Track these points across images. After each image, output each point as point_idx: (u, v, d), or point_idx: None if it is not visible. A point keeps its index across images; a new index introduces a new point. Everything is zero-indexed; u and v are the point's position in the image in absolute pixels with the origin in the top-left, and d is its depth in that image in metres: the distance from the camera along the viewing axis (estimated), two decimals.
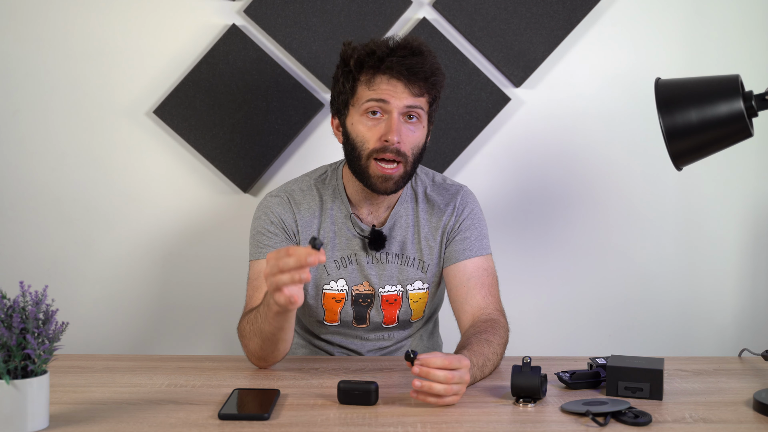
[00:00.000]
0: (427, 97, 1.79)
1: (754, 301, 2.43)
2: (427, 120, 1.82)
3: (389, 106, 1.75)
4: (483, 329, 1.71)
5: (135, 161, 2.35)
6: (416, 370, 1.45)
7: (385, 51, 1.76)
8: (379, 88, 1.76)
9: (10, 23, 2.31)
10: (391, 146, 1.75)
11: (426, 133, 1.83)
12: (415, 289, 1.90)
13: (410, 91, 1.76)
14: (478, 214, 1.91)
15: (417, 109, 1.78)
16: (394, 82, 1.76)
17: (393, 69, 1.75)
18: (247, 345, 1.72)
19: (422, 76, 1.76)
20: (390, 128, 1.75)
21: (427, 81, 1.77)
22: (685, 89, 1.59)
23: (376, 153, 1.76)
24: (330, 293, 1.88)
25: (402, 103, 1.75)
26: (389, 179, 1.77)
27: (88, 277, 2.37)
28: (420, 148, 1.81)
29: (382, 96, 1.75)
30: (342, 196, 1.88)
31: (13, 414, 1.31)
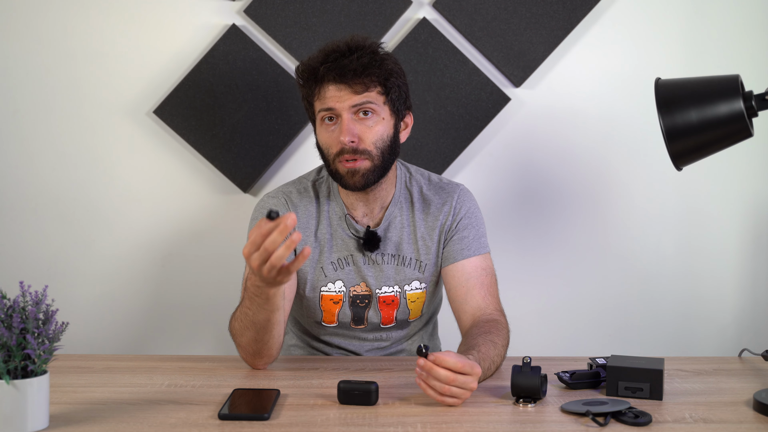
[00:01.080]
0: (377, 89, 1.80)
1: (754, 301, 2.43)
2: (389, 110, 1.82)
3: (337, 110, 1.78)
4: (487, 330, 1.70)
5: (135, 161, 2.35)
6: (420, 363, 1.45)
7: (318, 61, 1.80)
8: (324, 97, 1.79)
9: (10, 23, 2.31)
10: (346, 147, 1.77)
11: (391, 124, 1.83)
12: (413, 289, 1.90)
13: (351, 91, 1.78)
14: (475, 212, 1.91)
15: (367, 104, 1.79)
16: (336, 87, 1.78)
17: (326, 76, 1.78)
18: (240, 342, 1.71)
19: (354, 73, 1.77)
20: (341, 131, 1.78)
21: (362, 76, 1.77)
22: (685, 89, 1.59)
23: (338, 156, 1.79)
24: (327, 295, 1.88)
25: (347, 104, 1.78)
26: (355, 173, 1.79)
27: (87, 277, 2.37)
28: (386, 141, 1.81)
29: (328, 104, 1.79)
30: (337, 198, 1.88)
31: (13, 414, 1.31)
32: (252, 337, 1.68)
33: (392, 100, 1.82)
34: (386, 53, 1.84)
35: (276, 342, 1.70)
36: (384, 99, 1.81)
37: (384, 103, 1.81)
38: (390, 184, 1.89)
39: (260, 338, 1.67)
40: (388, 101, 1.82)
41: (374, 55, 1.80)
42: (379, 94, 1.80)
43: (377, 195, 1.87)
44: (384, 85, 1.80)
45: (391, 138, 1.82)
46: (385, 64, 1.80)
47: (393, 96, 1.82)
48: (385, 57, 1.82)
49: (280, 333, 1.70)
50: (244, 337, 1.69)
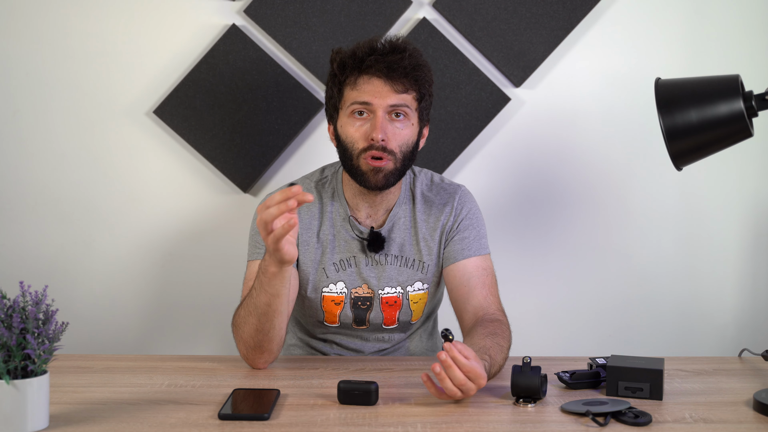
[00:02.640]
0: (413, 94, 1.80)
1: (754, 301, 2.43)
2: (417, 118, 1.83)
3: (373, 107, 1.77)
4: (493, 331, 1.70)
5: (135, 161, 2.35)
6: (442, 357, 1.44)
7: (366, 51, 1.79)
8: (362, 89, 1.78)
9: (10, 23, 2.31)
10: (377, 144, 1.76)
11: (417, 131, 1.83)
12: (415, 290, 1.90)
13: (393, 89, 1.77)
14: (476, 213, 1.92)
15: (402, 107, 1.79)
16: (376, 81, 1.77)
17: (372, 68, 1.77)
18: (242, 335, 1.70)
19: (402, 72, 1.77)
20: (375, 127, 1.77)
21: (408, 77, 1.78)
22: (685, 89, 1.59)
23: (364, 152, 1.78)
24: (329, 296, 1.88)
25: (385, 102, 1.77)
26: (379, 171, 1.78)
27: (88, 277, 2.37)
28: (410, 146, 1.82)
29: (364, 98, 1.77)
30: (341, 199, 1.88)
31: (13, 414, 1.31)
32: (254, 326, 1.67)
33: (422, 108, 1.83)
34: (427, 62, 1.84)
35: (277, 335, 1.69)
36: (417, 105, 1.82)
37: (416, 109, 1.82)
38: (396, 187, 1.89)
39: (261, 327, 1.66)
40: (419, 108, 1.83)
41: (420, 59, 1.81)
42: (414, 99, 1.81)
43: (384, 197, 1.87)
44: (420, 92, 1.81)
45: (414, 144, 1.83)
46: (427, 72, 1.82)
47: (424, 104, 1.83)
48: (427, 65, 1.83)
49: (281, 325, 1.69)
50: (246, 326, 1.68)
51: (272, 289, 1.62)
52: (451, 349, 1.45)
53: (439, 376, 1.45)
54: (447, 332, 1.46)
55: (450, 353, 1.44)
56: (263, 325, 1.67)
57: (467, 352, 1.46)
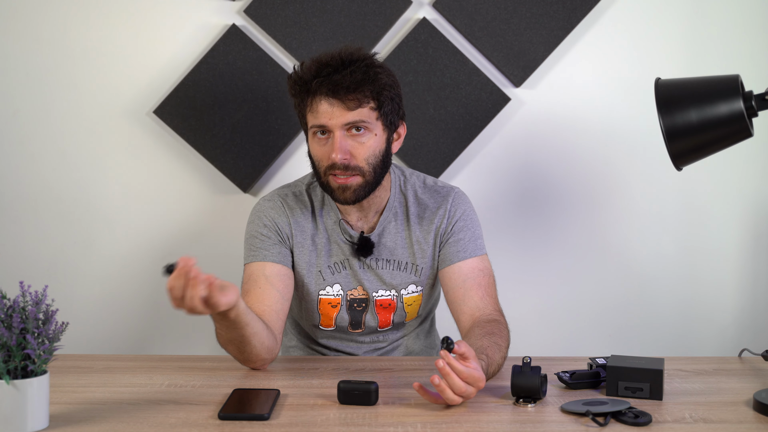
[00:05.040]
0: (368, 105, 1.76)
1: (754, 301, 2.43)
2: (381, 126, 1.79)
3: (329, 127, 1.75)
4: (491, 331, 1.70)
5: (135, 161, 2.35)
6: (440, 365, 1.44)
7: (312, 74, 1.76)
8: (317, 111, 1.76)
9: (10, 23, 2.31)
10: (337, 164, 1.75)
11: (384, 139, 1.80)
12: (409, 293, 1.90)
13: (344, 107, 1.74)
14: (470, 215, 1.91)
15: (359, 122, 1.75)
16: (328, 101, 1.74)
17: (318, 91, 1.75)
18: (230, 352, 1.71)
19: (347, 90, 1.73)
20: (333, 148, 1.75)
21: (356, 92, 1.74)
22: (685, 89, 1.59)
23: (329, 170, 1.77)
24: (326, 298, 1.88)
25: (339, 122, 1.74)
26: (347, 189, 1.77)
27: (88, 277, 2.37)
28: (378, 156, 1.78)
29: (320, 121, 1.75)
30: (331, 203, 1.88)
31: (13, 414, 1.31)
32: (235, 350, 1.68)
33: (385, 113, 1.78)
34: (380, 66, 1.79)
35: (261, 349, 1.68)
36: (377, 114, 1.77)
37: (377, 118, 1.77)
38: (384, 190, 1.87)
39: (242, 350, 1.67)
40: (381, 116, 1.78)
41: (368, 69, 1.75)
42: (371, 109, 1.76)
43: (371, 202, 1.86)
44: (377, 100, 1.76)
45: (383, 152, 1.80)
46: (379, 79, 1.76)
47: (386, 110, 1.78)
48: (379, 70, 1.77)
49: (262, 342, 1.67)
50: (229, 349, 1.70)
51: (239, 326, 1.60)
52: (447, 356, 1.44)
53: (439, 388, 1.45)
54: (449, 341, 1.45)
55: (447, 360, 1.44)
56: (243, 348, 1.67)
57: (469, 353, 1.46)
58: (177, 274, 1.45)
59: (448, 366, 1.44)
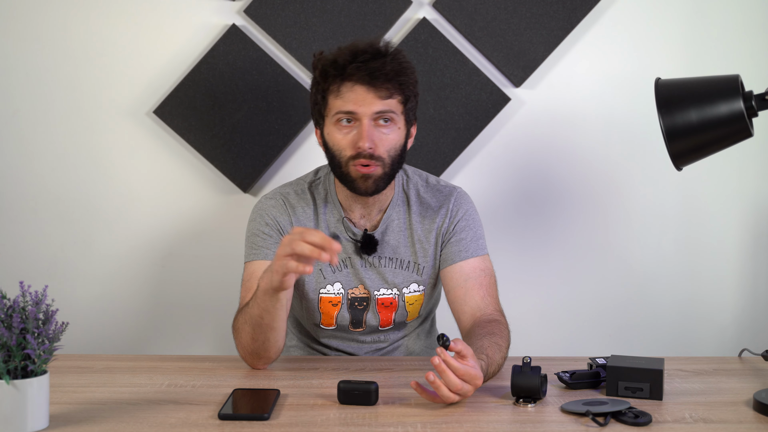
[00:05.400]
0: (398, 98, 1.78)
1: (754, 301, 2.43)
2: (403, 120, 1.81)
3: (358, 115, 1.76)
4: (491, 330, 1.70)
5: (135, 161, 2.35)
6: (436, 362, 1.44)
7: (347, 58, 1.76)
8: (346, 97, 1.76)
9: (10, 23, 2.31)
10: (364, 152, 1.75)
11: (404, 134, 1.82)
12: (411, 292, 1.90)
13: (377, 95, 1.75)
14: (472, 215, 1.91)
15: (388, 113, 1.77)
16: (359, 89, 1.75)
17: (355, 75, 1.75)
18: (240, 339, 1.71)
19: (385, 78, 1.75)
20: (361, 136, 1.75)
21: (392, 82, 1.76)
22: (685, 89, 1.59)
23: (352, 159, 1.77)
24: (327, 297, 1.88)
25: (370, 110, 1.75)
26: (369, 177, 1.78)
27: (87, 277, 2.37)
28: (398, 150, 1.80)
29: (349, 108, 1.76)
30: (334, 200, 1.88)
31: (13, 414, 1.31)
32: (249, 334, 1.68)
33: (408, 109, 1.82)
34: (410, 62, 1.82)
35: (272, 346, 1.70)
36: (402, 108, 1.80)
37: (401, 112, 1.80)
38: (389, 189, 1.88)
39: (256, 337, 1.68)
40: (405, 111, 1.81)
41: (402, 62, 1.79)
42: (399, 102, 1.79)
43: (377, 198, 1.86)
44: (404, 94, 1.79)
45: (402, 147, 1.82)
46: (411, 74, 1.80)
47: (410, 105, 1.82)
48: (410, 67, 1.81)
49: (277, 338, 1.69)
50: (243, 333, 1.70)
51: (264, 304, 1.63)
52: (443, 353, 1.44)
53: (434, 384, 1.45)
54: (444, 338, 1.45)
55: (442, 357, 1.44)
56: (257, 336, 1.68)
57: (466, 352, 1.46)
58: (322, 242, 1.48)
59: (443, 363, 1.44)
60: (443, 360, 1.44)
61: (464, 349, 1.46)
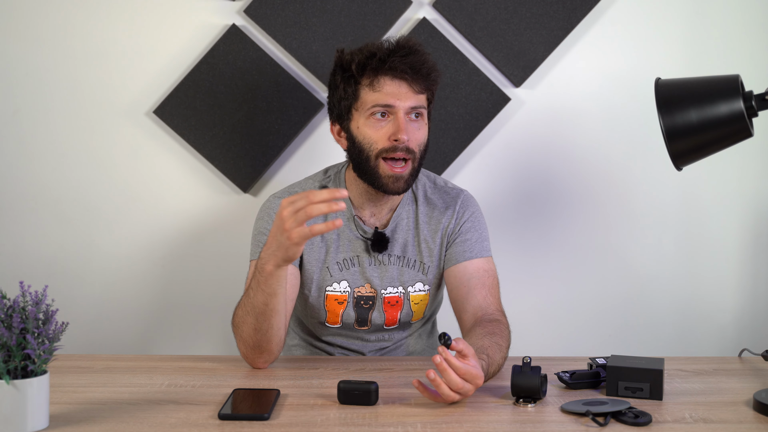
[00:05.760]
0: (427, 94, 1.83)
1: (754, 301, 2.43)
2: (428, 118, 1.86)
3: (395, 109, 1.78)
4: (492, 330, 1.70)
5: (135, 161, 2.35)
6: (437, 360, 1.44)
7: (386, 52, 1.79)
8: (383, 90, 1.78)
9: (10, 23, 2.31)
10: (401, 145, 1.77)
11: (428, 131, 1.86)
12: (416, 291, 1.90)
13: (413, 90, 1.79)
14: (478, 217, 1.92)
15: (420, 108, 1.81)
16: (398, 82, 1.78)
17: (396, 69, 1.77)
18: (242, 334, 1.70)
19: (424, 73, 1.79)
20: (399, 127, 1.77)
21: (428, 78, 1.81)
22: (685, 89, 1.59)
23: (385, 152, 1.78)
24: (332, 295, 1.88)
25: (407, 104, 1.78)
26: (400, 179, 1.79)
27: (88, 277, 2.37)
28: (425, 146, 1.84)
29: (388, 101, 1.78)
30: (345, 199, 1.88)
31: (13, 414, 1.31)
32: (252, 325, 1.67)
33: (431, 108, 1.87)
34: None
35: (275, 335, 1.69)
36: (427, 105, 1.85)
37: (427, 109, 1.85)
38: None
39: (259, 326, 1.67)
40: (430, 108, 1.86)
41: (433, 62, 1.83)
42: (426, 99, 1.84)
43: (389, 197, 1.87)
44: (432, 92, 1.84)
45: (426, 144, 1.85)
46: (438, 74, 1.85)
47: (432, 105, 1.87)
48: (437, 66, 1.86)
49: (279, 325, 1.68)
50: (245, 325, 1.69)
51: (269, 288, 1.62)
52: (444, 351, 1.44)
53: (435, 382, 1.45)
54: (446, 337, 1.45)
55: (444, 356, 1.44)
56: (261, 325, 1.67)
57: (467, 351, 1.46)
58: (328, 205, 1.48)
59: (445, 362, 1.44)
60: (445, 359, 1.44)
61: (465, 349, 1.46)
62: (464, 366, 1.44)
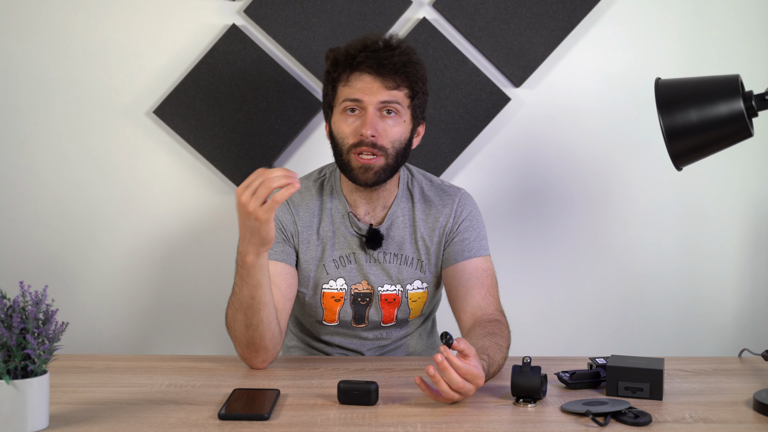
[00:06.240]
0: (404, 91, 1.82)
1: (754, 301, 2.43)
2: (410, 115, 1.84)
3: (364, 103, 1.79)
4: (492, 330, 1.70)
5: (135, 161, 2.35)
6: (438, 359, 1.44)
7: (357, 48, 1.81)
8: (354, 86, 1.80)
9: (10, 23, 2.31)
10: (366, 140, 1.78)
11: (409, 129, 1.85)
12: (415, 289, 1.90)
13: (384, 85, 1.79)
14: (476, 216, 1.92)
15: (393, 104, 1.80)
16: (367, 78, 1.79)
17: (363, 64, 1.79)
18: (235, 333, 1.70)
19: (392, 68, 1.79)
20: (364, 123, 1.78)
21: (399, 73, 1.80)
22: (685, 89, 1.59)
23: (354, 147, 1.79)
24: (329, 292, 1.88)
25: (376, 99, 1.79)
26: (369, 169, 1.80)
27: (88, 276, 2.37)
28: (402, 143, 1.83)
29: (355, 95, 1.79)
30: (340, 196, 1.89)
31: (13, 414, 1.31)
32: (242, 322, 1.67)
33: (414, 105, 1.85)
34: (420, 59, 1.86)
35: (267, 330, 1.67)
36: (409, 102, 1.83)
37: (408, 106, 1.83)
38: (393, 185, 1.90)
39: (249, 322, 1.66)
40: (412, 106, 1.84)
41: (411, 57, 1.83)
42: (406, 96, 1.82)
43: (380, 194, 1.88)
44: (412, 89, 1.83)
45: (406, 141, 1.84)
46: (418, 69, 1.84)
47: (417, 102, 1.85)
48: (420, 62, 1.85)
49: (270, 320, 1.67)
50: (236, 323, 1.68)
51: (253, 280, 1.62)
52: (446, 350, 1.44)
53: (434, 379, 1.45)
54: (448, 336, 1.45)
55: (445, 355, 1.44)
56: (251, 320, 1.66)
57: (469, 351, 1.46)
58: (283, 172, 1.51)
59: (446, 361, 1.44)
60: (446, 358, 1.44)
61: (467, 348, 1.46)
62: (465, 366, 1.45)
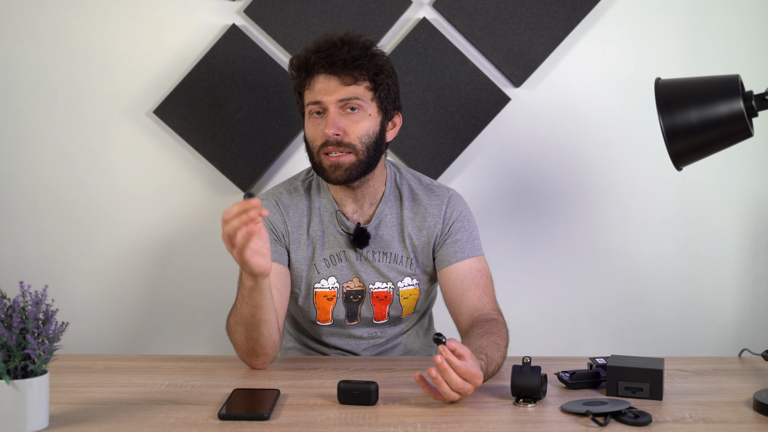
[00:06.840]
0: (365, 84, 1.82)
1: (754, 301, 2.43)
2: (375, 108, 1.84)
3: (324, 104, 1.80)
4: (489, 330, 1.70)
5: (135, 161, 2.35)
6: (438, 360, 1.44)
7: (312, 51, 1.82)
8: (313, 89, 1.82)
9: (10, 23, 2.31)
10: (331, 140, 1.78)
11: (378, 122, 1.84)
12: (406, 286, 1.90)
13: (341, 82, 1.80)
14: (467, 216, 1.92)
15: (353, 100, 1.80)
16: (322, 78, 1.81)
17: (317, 65, 1.80)
18: (235, 341, 1.72)
19: (344, 64, 1.79)
20: (326, 123, 1.79)
21: (353, 68, 1.80)
22: (685, 89, 1.59)
23: (322, 148, 1.81)
24: (321, 291, 1.89)
25: (335, 98, 1.80)
26: (339, 167, 1.80)
27: (87, 277, 2.37)
28: (372, 137, 1.82)
29: (316, 98, 1.81)
30: (327, 195, 1.90)
31: (13, 414, 1.31)
32: (243, 334, 1.69)
33: (380, 97, 1.84)
34: (379, 50, 1.86)
35: (268, 341, 1.70)
36: (372, 95, 1.82)
37: (372, 99, 1.83)
38: (379, 182, 1.90)
39: (249, 335, 1.68)
40: (376, 98, 1.83)
41: (365, 50, 1.82)
42: (367, 89, 1.82)
43: (365, 192, 1.88)
44: (373, 81, 1.82)
45: (377, 135, 1.83)
46: (376, 60, 1.83)
47: (381, 93, 1.84)
48: (377, 53, 1.84)
49: (270, 332, 1.69)
50: (237, 334, 1.70)
51: (253, 301, 1.63)
52: (445, 351, 1.45)
53: (436, 381, 1.45)
54: (439, 336, 1.46)
55: (444, 356, 1.44)
56: (251, 334, 1.68)
57: (462, 351, 1.46)
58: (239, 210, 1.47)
59: (446, 362, 1.44)
60: (446, 358, 1.44)
61: (459, 348, 1.46)
62: (464, 365, 1.45)
